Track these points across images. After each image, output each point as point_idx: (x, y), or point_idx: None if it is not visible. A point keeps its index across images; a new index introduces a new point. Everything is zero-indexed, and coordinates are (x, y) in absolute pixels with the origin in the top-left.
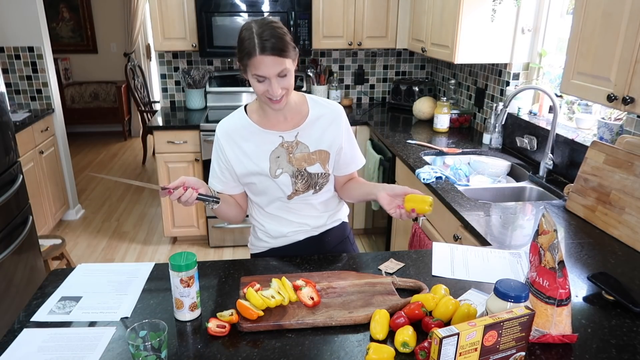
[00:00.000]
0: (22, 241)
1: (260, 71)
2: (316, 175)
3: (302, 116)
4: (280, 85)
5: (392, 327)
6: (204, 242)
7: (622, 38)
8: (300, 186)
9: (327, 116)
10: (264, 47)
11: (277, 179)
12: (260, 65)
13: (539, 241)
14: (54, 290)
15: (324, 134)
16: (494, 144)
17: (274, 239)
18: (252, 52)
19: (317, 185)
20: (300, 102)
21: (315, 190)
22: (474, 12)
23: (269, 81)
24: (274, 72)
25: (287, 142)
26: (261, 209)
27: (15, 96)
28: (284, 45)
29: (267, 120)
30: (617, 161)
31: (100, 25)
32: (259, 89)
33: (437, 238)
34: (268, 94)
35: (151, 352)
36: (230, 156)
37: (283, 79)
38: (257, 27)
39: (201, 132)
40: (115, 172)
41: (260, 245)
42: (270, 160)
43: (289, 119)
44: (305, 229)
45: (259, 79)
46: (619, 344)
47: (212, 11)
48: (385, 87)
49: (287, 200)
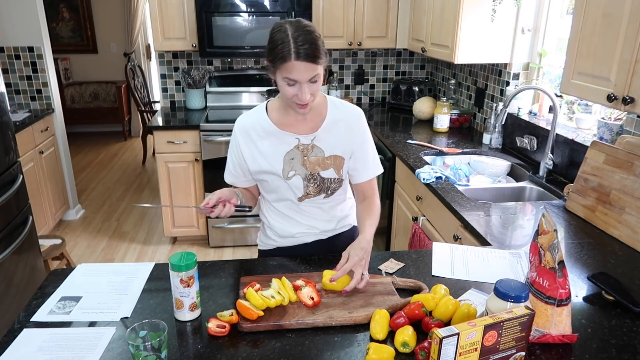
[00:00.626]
0: (22, 241)
1: (293, 75)
2: (329, 180)
3: (320, 119)
4: (310, 91)
5: (392, 327)
6: (204, 242)
7: (622, 38)
8: (311, 190)
9: (344, 120)
10: (299, 52)
11: (289, 181)
12: (294, 71)
13: (539, 241)
14: (54, 290)
15: (340, 139)
16: (494, 144)
17: (282, 239)
18: (287, 57)
19: (329, 190)
20: (321, 104)
21: (326, 195)
22: (474, 12)
23: (299, 85)
24: (307, 78)
25: (303, 144)
26: (271, 205)
27: (15, 96)
28: (318, 52)
29: (287, 120)
30: (617, 161)
31: (100, 25)
32: (288, 92)
33: (437, 238)
34: (297, 98)
35: (151, 352)
36: (246, 153)
37: (313, 84)
38: (292, 31)
39: (201, 132)
40: (115, 172)
41: (268, 242)
42: (284, 161)
43: (309, 121)
44: (314, 232)
45: (289, 82)
46: (619, 344)
47: (212, 11)
48: (385, 87)
49: (298, 202)
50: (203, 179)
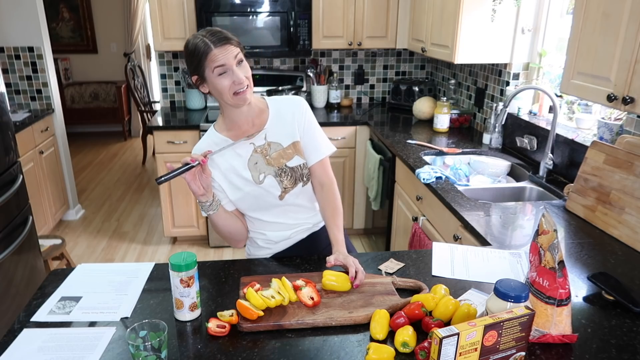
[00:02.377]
0: (22, 241)
1: (219, 61)
2: (298, 167)
3: (265, 117)
4: (242, 72)
5: (392, 327)
6: (204, 242)
7: (622, 38)
8: (287, 183)
9: (286, 108)
10: (212, 41)
11: (263, 184)
12: (217, 58)
13: (539, 241)
14: (54, 290)
15: (290, 125)
16: (494, 144)
17: (276, 244)
18: (207, 50)
19: (304, 177)
20: (262, 104)
21: (303, 182)
22: (473, 12)
23: (230, 72)
24: (231, 58)
25: (259, 146)
26: (260, 220)
27: (15, 96)
28: (229, 36)
29: (236, 129)
30: (617, 161)
31: (100, 25)
32: (224, 85)
33: (437, 238)
34: (234, 85)
35: (151, 352)
36: (217, 175)
37: (242, 67)
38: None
39: (201, 132)
40: (115, 172)
41: (261, 253)
42: (250, 168)
43: (256, 123)
44: (307, 226)
45: (220, 72)
46: (619, 344)
47: (212, 11)
48: (385, 87)
49: (280, 202)
50: None
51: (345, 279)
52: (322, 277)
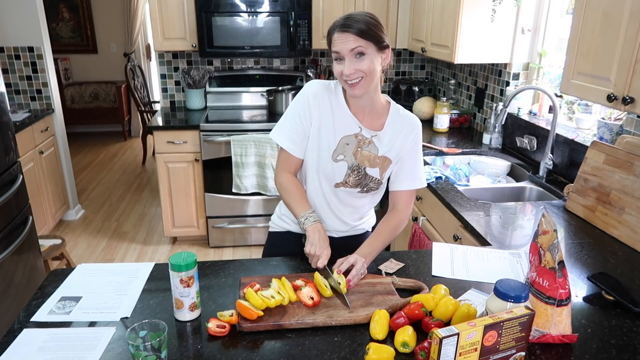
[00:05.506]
0: (22, 241)
1: (335, 47)
2: (370, 177)
3: (383, 120)
4: (354, 66)
5: (392, 327)
6: (204, 242)
7: (622, 38)
8: (351, 180)
9: (404, 127)
10: (342, 24)
11: (335, 163)
12: (336, 42)
13: (539, 241)
14: (54, 290)
15: (396, 143)
16: (493, 144)
17: (296, 224)
18: (332, 31)
19: (366, 187)
20: (385, 106)
21: (362, 190)
22: (473, 12)
23: (343, 61)
24: (348, 48)
25: (362, 135)
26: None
27: (15, 96)
28: (366, 28)
29: (352, 107)
30: (617, 161)
31: (100, 25)
32: (336, 70)
33: (437, 238)
34: (344, 75)
35: (151, 352)
36: (315, 114)
37: (358, 60)
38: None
39: (201, 132)
40: (115, 172)
41: (280, 225)
42: (339, 142)
43: (371, 117)
44: (327, 228)
45: (335, 57)
46: (619, 344)
47: (212, 11)
48: (385, 87)
49: (333, 188)
50: (203, 179)
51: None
52: (314, 278)
